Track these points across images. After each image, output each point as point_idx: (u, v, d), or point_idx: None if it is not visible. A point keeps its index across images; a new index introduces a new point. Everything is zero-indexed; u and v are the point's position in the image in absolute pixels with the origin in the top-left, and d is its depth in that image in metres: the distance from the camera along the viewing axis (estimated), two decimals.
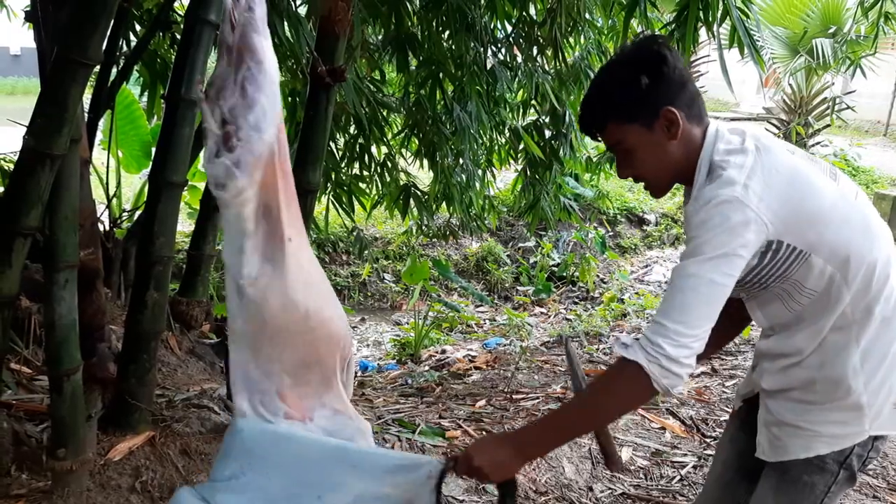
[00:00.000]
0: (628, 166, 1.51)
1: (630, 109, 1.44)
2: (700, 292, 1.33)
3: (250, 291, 1.44)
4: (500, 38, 4.21)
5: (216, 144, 1.38)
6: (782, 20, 10.26)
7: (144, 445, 2.25)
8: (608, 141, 1.51)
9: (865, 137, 13.57)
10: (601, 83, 1.50)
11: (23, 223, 1.89)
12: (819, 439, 1.48)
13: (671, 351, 1.30)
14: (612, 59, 1.55)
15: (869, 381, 1.44)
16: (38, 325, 2.79)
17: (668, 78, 1.43)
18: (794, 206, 1.36)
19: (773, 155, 1.40)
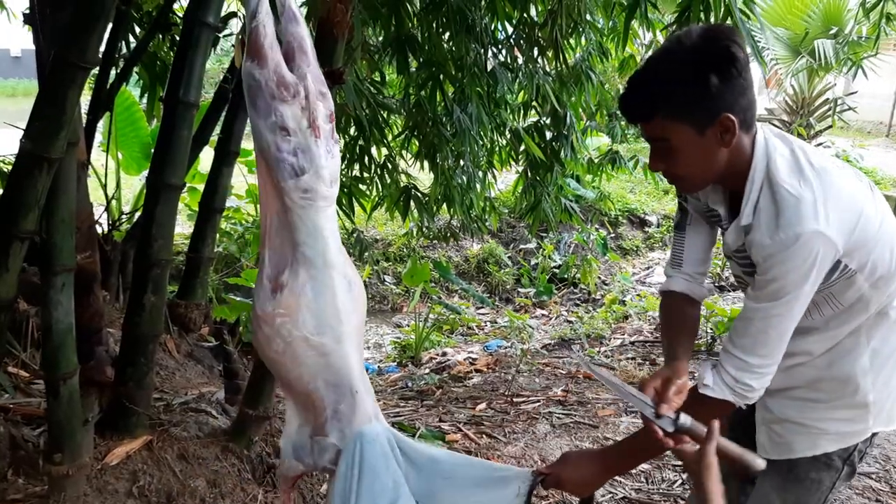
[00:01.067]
0: (664, 162, 1.42)
1: (687, 108, 1.33)
2: (782, 329, 1.38)
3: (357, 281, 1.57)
4: (501, 40, 4.20)
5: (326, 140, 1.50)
6: (783, 21, 10.25)
7: (142, 450, 2.24)
8: (650, 133, 1.40)
9: (868, 138, 13.56)
10: (661, 70, 1.36)
11: (20, 226, 1.87)
12: (826, 437, 1.49)
13: (757, 384, 1.40)
14: (676, 41, 1.38)
15: (877, 379, 1.46)
16: (36, 329, 2.78)
17: (735, 82, 1.33)
18: (855, 230, 1.35)
19: (831, 176, 1.36)
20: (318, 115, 1.48)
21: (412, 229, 5.20)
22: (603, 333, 5.33)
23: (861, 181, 1.43)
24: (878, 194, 1.45)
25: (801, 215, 1.31)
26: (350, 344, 1.51)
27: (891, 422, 1.52)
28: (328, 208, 1.48)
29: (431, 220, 4.83)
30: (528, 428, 3.31)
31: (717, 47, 1.32)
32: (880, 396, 1.47)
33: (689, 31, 1.38)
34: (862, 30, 8.18)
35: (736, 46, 1.32)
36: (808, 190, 1.33)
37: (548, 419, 3.41)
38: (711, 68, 1.31)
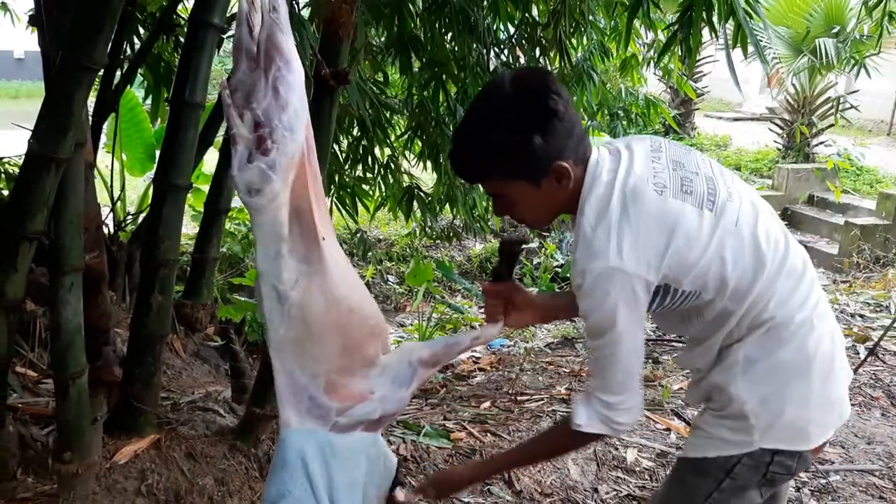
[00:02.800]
0: (508, 211, 1.46)
1: (518, 168, 1.36)
2: (626, 366, 1.40)
3: (293, 295, 1.44)
4: (503, 40, 4.21)
5: (247, 149, 1.37)
6: (785, 20, 10.25)
7: (150, 449, 2.25)
8: (488, 190, 1.45)
9: (869, 137, 13.54)
10: (484, 139, 1.35)
11: (28, 227, 1.89)
12: (708, 441, 1.49)
13: (624, 418, 1.44)
14: (494, 103, 1.37)
15: (752, 391, 1.42)
16: (44, 329, 2.79)
17: (558, 130, 1.33)
18: (671, 255, 1.34)
19: (640, 199, 1.34)
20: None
21: (415, 229, 5.22)
22: None
23: (688, 193, 1.37)
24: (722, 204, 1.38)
25: (592, 251, 1.33)
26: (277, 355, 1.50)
27: (792, 442, 1.45)
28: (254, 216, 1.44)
29: (434, 220, 4.85)
30: (532, 426, 3.32)
31: (533, 105, 1.33)
32: (761, 410, 1.42)
33: (501, 86, 1.37)
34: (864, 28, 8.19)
35: (552, 97, 1.32)
36: (605, 223, 1.33)
37: (551, 417, 3.42)
38: (533, 129, 1.32)
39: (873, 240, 7.75)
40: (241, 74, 1.39)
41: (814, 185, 9.81)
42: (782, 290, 1.40)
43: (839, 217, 8.87)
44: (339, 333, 1.52)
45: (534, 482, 2.81)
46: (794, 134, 11.06)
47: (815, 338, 1.43)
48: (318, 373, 1.52)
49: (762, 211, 1.45)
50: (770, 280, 1.39)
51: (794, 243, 1.47)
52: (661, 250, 1.33)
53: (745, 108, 16.50)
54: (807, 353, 1.42)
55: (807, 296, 1.43)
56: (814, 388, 1.43)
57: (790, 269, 1.42)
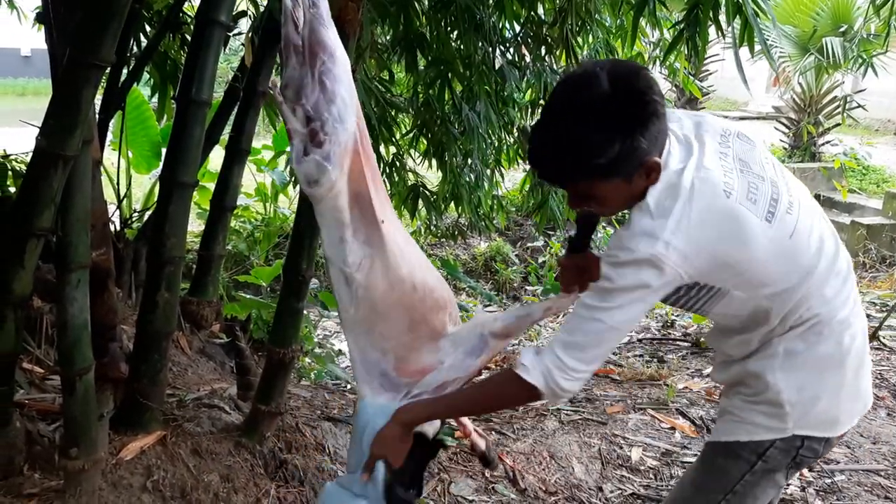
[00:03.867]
0: (586, 205, 1.43)
1: (613, 169, 1.31)
2: (603, 338, 1.41)
3: (358, 277, 1.53)
4: (509, 38, 4.20)
5: (303, 143, 1.43)
6: (792, 18, 10.21)
7: (156, 445, 2.26)
8: (574, 191, 1.40)
9: (876, 136, 13.49)
10: (579, 137, 1.28)
11: (35, 224, 1.90)
12: (740, 426, 1.51)
13: (567, 385, 1.41)
14: (591, 100, 1.28)
15: (788, 379, 1.45)
16: (50, 325, 2.81)
17: (659, 130, 1.31)
18: (719, 257, 1.35)
19: (707, 199, 1.32)
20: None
21: (420, 228, 5.22)
22: None
23: (753, 201, 1.35)
24: (782, 215, 1.38)
25: (646, 232, 1.32)
26: (349, 333, 1.62)
27: (823, 428, 1.50)
28: (315, 205, 1.52)
29: (439, 219, 4.86)
30: (537, 424, 3.32)
31: (635, 100, 1.28)
32: (797, 399, 1.45)
33: (596, 80, 1.28)
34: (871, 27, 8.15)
35: (650, 91, 1.29)
36: (664, 210, 1.32)
37: (556, 416, 3.42)
38: (636, 130, 1.27)
39: (879, 239, 7.71)
40: (291, 70, 1.44)
41: (820, 184, 9.78)
42: (829, 292, 1.45)
43: (845, 216, 8.84)
44: (404, 310, 1.60)
45: (538, 480, 2.82)
46: (801, 133, 11.02)
47: (851, 334, 1.48)
48: (387, 349, 1.61)
49: (816, 216, 1.48)
50: (817, 284, 1.43)
51: (843, 246, 1.52)
52: (710, 252, 1.34)
53: (750, 107, 16.45)
54: (843, 347, 1.47)
55: (848, 295, 1.49)
56: (846, 380, 1.49)
57: (837, 271, 1.47)
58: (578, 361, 1.40)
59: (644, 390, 3.74)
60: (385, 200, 1.59)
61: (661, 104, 1.31)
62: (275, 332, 2.39)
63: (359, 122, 1.48)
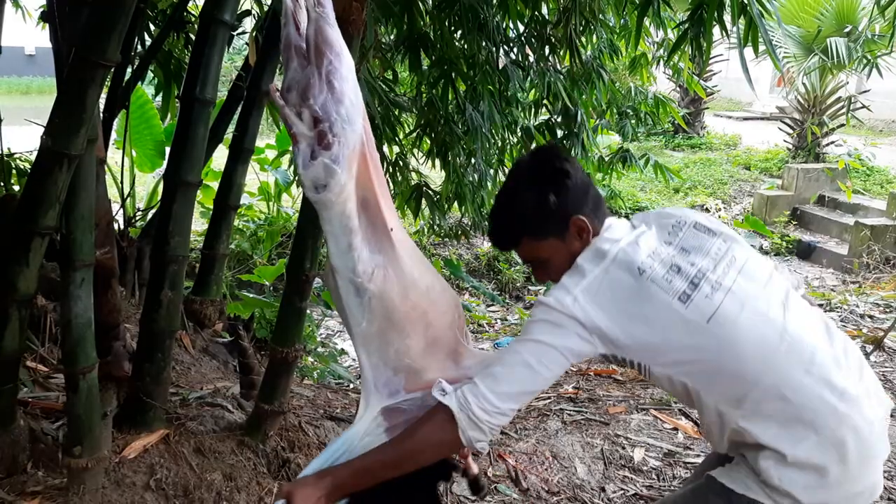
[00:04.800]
0: (546, 274, 1.60)
1: (542, 225, 1.53)
2: (515, 371, 1.43)
3: (371, 287, 1.47)
4: (513, 38, 4.21)
5: (310, 146, 1.38)
6: (796, 19, 10.20)
7: (159, 443, 2.26)
8: (524, 256, 1.61)
9: (880, 137, 13.47)
10: (510, 206, 1.57)
11: (40, 223, 1.91)
12: (745, 481, 1.46)
13: (479, 413, 1.40)
14: (515, 178, 1.60)
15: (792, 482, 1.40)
16: (54, 324, 2.81)
17: (572, 190, 1.52)
18: (623, 329, 1.41)
19: (620, 273, 1.43)
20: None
21: (423, 227, 5.22)
22: None
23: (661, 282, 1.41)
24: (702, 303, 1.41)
25: (560, 286, 1.45)
26: (361, 348, 1.54)
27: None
28: (322, 212, 1.45)
29: (442, 218, 4.86)
30: (540, 424, 3.32)
31: (546, 169, 1.54)
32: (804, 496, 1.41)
33: (520, 162, 1.64)
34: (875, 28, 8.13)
35: (562, 161, 1.53)
36: (583, 274, 1.44)
37: (559, 416, 3.42)
38: (549, 187, 1.51)
39: (883, 240, 7.70)
40: (293, 73, 1.41)
41: (824, 185, 9.77)
42: (785, 377, 1.39)
43: (849, 217, 8.83)
44: (419, 321, 1.55)
45: (541, 480, 2.82)
46: (805, 134, 11.01)
47: (850, 426, 1.40)
48: (400, 368, 1.55)
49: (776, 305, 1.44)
50: (755, 369, 1.39)
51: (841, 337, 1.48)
52: (614, 322, 1.41)
53: (754, 108, 16.43)
54: (839, 443, 1.39)
55: (828, 379, 1.40)
56: (850, 475, 1.42)
57: (793, 355, 1.40)
58: (491, 392, 1.41)
59: (647, 390, 3.73)
60: (391, 205, 1.55)
61: (572, 169, 1.52)
62: (278, 331, 2.39)
63: (364, 123, 1.45)
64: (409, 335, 1.54)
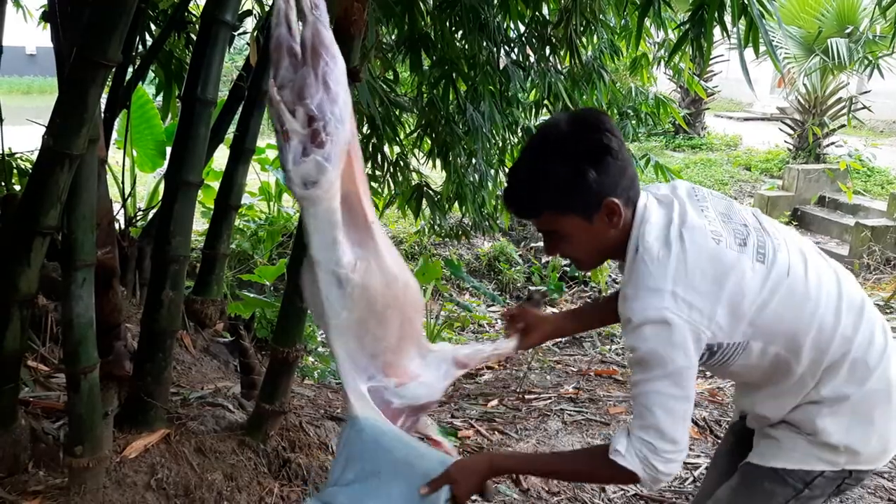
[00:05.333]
0: (560, 249, 1.48)
1: (571, 202, 1.39)
2: (670, 410, 1.37)
3: (354, 278, 1.50)
4: (513, 38, 4.21)
5: (302, 144, 1.41)
6: (797, 20, 10.19)
7: (160, 443, 2.26)
8: (540, 227, 1.48)
9: (881, 138, 13.46)
10: (539, 170, 1.39)
11: (42, 223, 1.91)
12: (790, 454, 1.50)
13: (664, 468, 1.38)
14: (550, 139, 1.41)
15: (840, 424, 1.44)
16: (55, 323, 2.82)
17: (612, 168, 1.38)
18: (725, 303, 1.35)
19: (698, 243, 1.37)
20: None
21: (424, 227, 5.22)
22: (614, 331, 5.34)
23: (742, 249, 1.39)
24: (773, 254, 1.41)
25: (650, 290, 1.34)
26: (338, 339, 1.56)
27: (873, 462, 1.51)
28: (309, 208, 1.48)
29: (443, 218, 4.86)
30: (540, 425, 3.33)
31: (589, 140, 1.37)
32: (851, 440, 1.45)
33: (557, 124, 1.42)
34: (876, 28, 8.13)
35: (607, 135, 1.37)
36: (663, 259, 1.35)
37: (559, 416, 3.43)
38: (588, 162, 1.36)
39: (884, 241, 7.70)
40: (285, 72, 1.43)
41: (824, 185, 9.76)
42: (845, 329, 1.42)
43: (850, 218, 8.82)
44: (397, 309, 1.59)
45: (541, 481, 2.82)
46: (806, 134, 11.00)
47: (894, 364, 1.48)
48: (378, 352, 1.59)
49: (811, 255, 1.47)
50: (830, 322, 1.41)
51: (848, 279, 1.50)
52: (714, 298, 1.34)
53: (755, 108, 16.43)
54: (889, 380, 1.46)
55: (873, 326, 1.47)
56: (894, 412, 1.48)
57: (848, 305, 1.44)
58: (664, 441, 1.37)
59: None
60: (370, 200, 1.60)
61: (616, 144, 1.37)
62: (279, 331, 2.39)
63: (351, 121, 1.49)
64: (387, 324, 1.58)
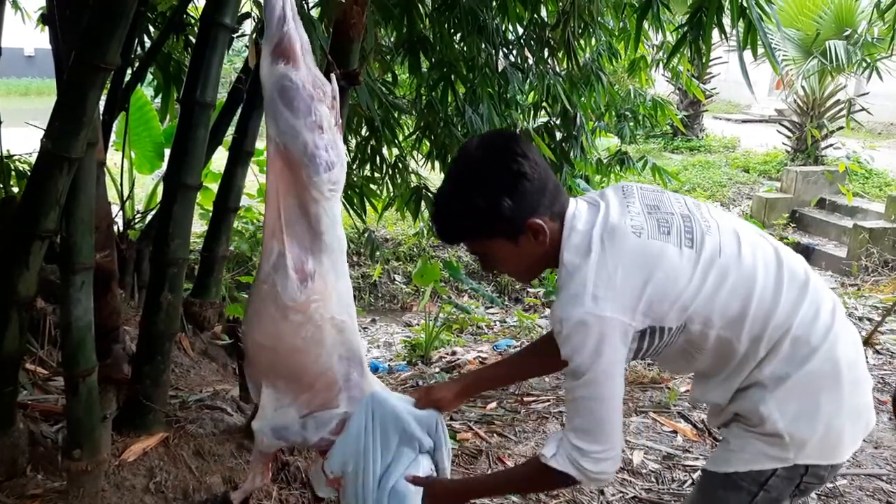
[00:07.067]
0: (495, 267, 1.55)
1: (492, 229, 1.42)
2: (595, 413, 1.40)
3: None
4: (512, 41, 4.21)
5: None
6: (795, 22, 10.21)
7: (158, 446, 2.26)
8: (471, 249, 1.54)
9: (879, 140, 13.47)
10: (457, 202, 1.43)
11: (40, 226, 1.91)
12: (739, 455, 1.47)
13: (595, 468, 1.41)
14: (464, 169, 1.45)
15: (784, 409, 1.40)
16: (53, 326, 2.81)
17: (528, 190, 1.38)
18: (652, 293, 1.35)
19: (618, 242, 1.37)
20: (339, 113, 1.59)
21: (422, 229, 5.22)
22: None
23: (666, 233, 1.39)
24: (702, 236, 1.41)
25: (569, 297, 1.36)
26: (355, 316, 1.68)
27: (827, 456, 1.45)
28: (340, 197, 1.61)
29: None
30: (539, 427, 3.32)
31: (500, 168, 1.38)
32: (796, 428, 1.40)
33: (469, 152, 1.45)
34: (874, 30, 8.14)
35: (518, 160, 1.37)
36: (582, 269, 1.36)
37: (558, 419, 3.42)
38: (502, 192, 1.37)
39: (882, 243, 7.71)
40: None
41: (822, 187, 9.77)
42: (785, 304, 1.40)
43: (848, 220, 8.83)
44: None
45: None
46: (804, 136, 11.01)
47: (843, 344, 1.43)
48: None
49: (745, 234, 1.46)
50: (767, 299, 1.39)
51: (791, 256, 1.48)
52: (638, 290, 1.35)
53: (753, 110, 16.44)
54: (835, 361, 1.41)
55: (818, 304, 1.43)
56: (845, 399, 1.43)
57: (790, 281, 1.42)
58: (593, 443, 1.40)
59: (646, 393, 3.74)
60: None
61: (529, 167, 1.38)
62: None
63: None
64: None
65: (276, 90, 1.49)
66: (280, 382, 1.65)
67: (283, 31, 1.48)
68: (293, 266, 1.53)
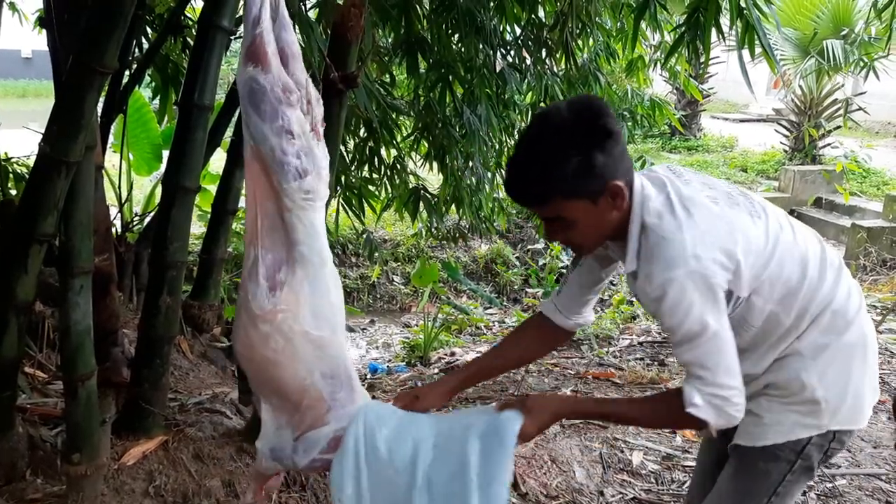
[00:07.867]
0: (563, 235, 1.50)
1: (578, 187, 1.41)
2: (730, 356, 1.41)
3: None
4: (510, 41, 4.21)
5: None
6: (793, 21, 10.22)
7: (158, 450, 2.26)
8: (545, 215, 1.49)
9: (876, 139, 13.50)
10: (546, 157, 1.40)
11: (39, 229, 1.91)
12: (776, 428, 1.54)
13: (736, 413, 1.43)
14: (552, 126, 1.43)
15: (823, 376, 1.49)
16: (52, 330, 2.81)
17: (616, 152, 1.41)
18: (738, 257, 1.41)
19: (700, 209, 1.42)
20: (317, 119, 1.53)
21: (421, 230, 5.22)
22: (611, 334, 5.33)
23: (736, 204, 1.47)
24: (764, 214, 1.49)
25: (671, 259, 1.38)
26: (342, 334, 1.61)
27: (852, 421, 1.55)
28: (322, 207, 1.54)
29: (440, 221, 4.85)
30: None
31: (593, 125, 1.39)
32: (831, 394, 1.50)
33: (558, 111, 1.43)
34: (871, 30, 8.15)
35: (609, 119, 1.40)
36: (676, 230, 1.39)
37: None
38: (594, 147, 1.39)
39: (880, 242, 7.71)
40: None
41: (820, 186, 9.79)
42: (829, 284, 1.50)
43: (846, 219, 8.84)
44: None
45: (539, 484, 2.82)
46: (802, 136, 11.03)
47: (867, 321, 1.56)
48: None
49: (789, 218, 1.57)
50: (815, 277, 1.49)
51: (825, 242, 1.59)
52: (727, 254, 1.39)
53: (751, 110, 16.47)
54: (865, 334, 1.54)
55: (850, 285, 1.54)
56: (869, 370, 1.55)
57: (830, 262, 1.52)
58: (731, 380, 1.41)
59: (645, 394, 3.74)
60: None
61: (617, 128, 1.42)
62: None
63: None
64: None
65: (245, 92, 1.46)
66: (274, 399, 1.61)
67: (255, 32, 1.44)
68: (264, 274, 1.49)
